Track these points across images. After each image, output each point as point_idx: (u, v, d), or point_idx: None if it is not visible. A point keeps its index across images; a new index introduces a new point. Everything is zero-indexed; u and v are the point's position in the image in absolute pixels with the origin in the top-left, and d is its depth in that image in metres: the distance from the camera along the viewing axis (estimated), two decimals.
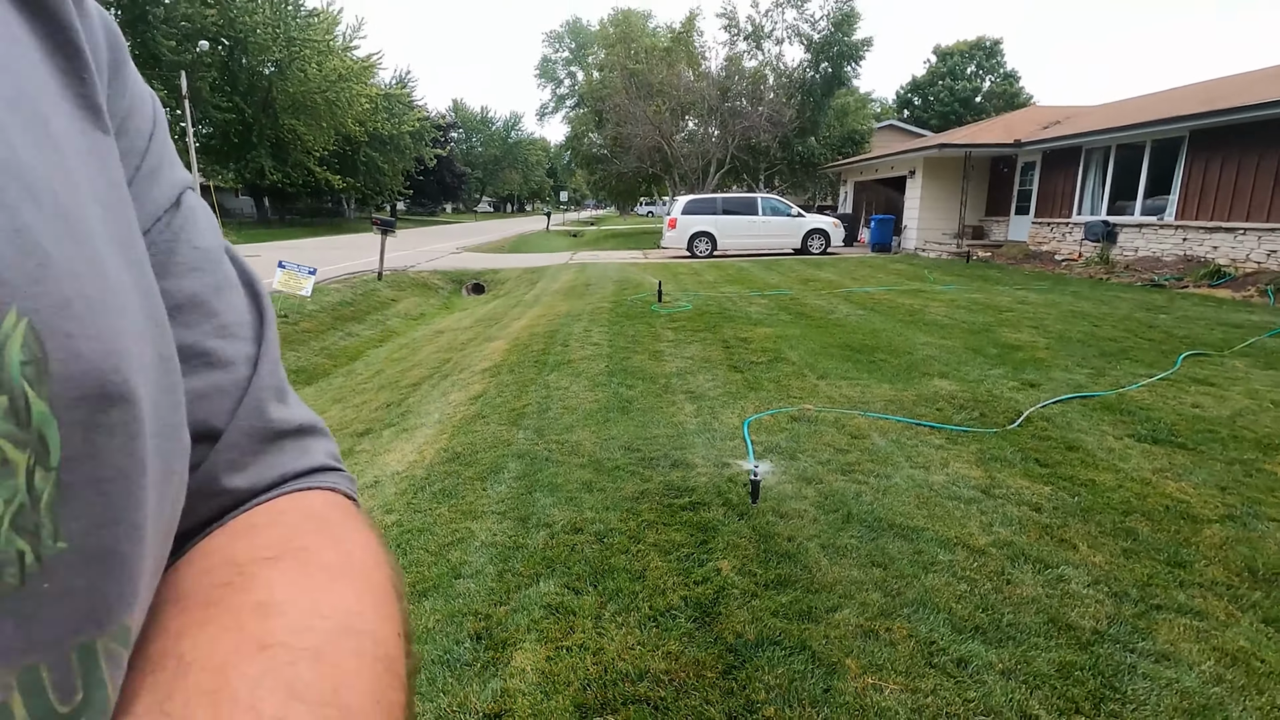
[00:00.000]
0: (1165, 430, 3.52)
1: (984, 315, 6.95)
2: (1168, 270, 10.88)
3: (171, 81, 25.81)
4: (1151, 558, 2.30)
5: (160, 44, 24.72)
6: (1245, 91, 11.03)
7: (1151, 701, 1.66)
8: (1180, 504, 2.68)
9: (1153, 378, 4.50)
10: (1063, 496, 2.77)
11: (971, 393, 4.22)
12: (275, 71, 30.06)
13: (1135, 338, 5.84)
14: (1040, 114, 18.28)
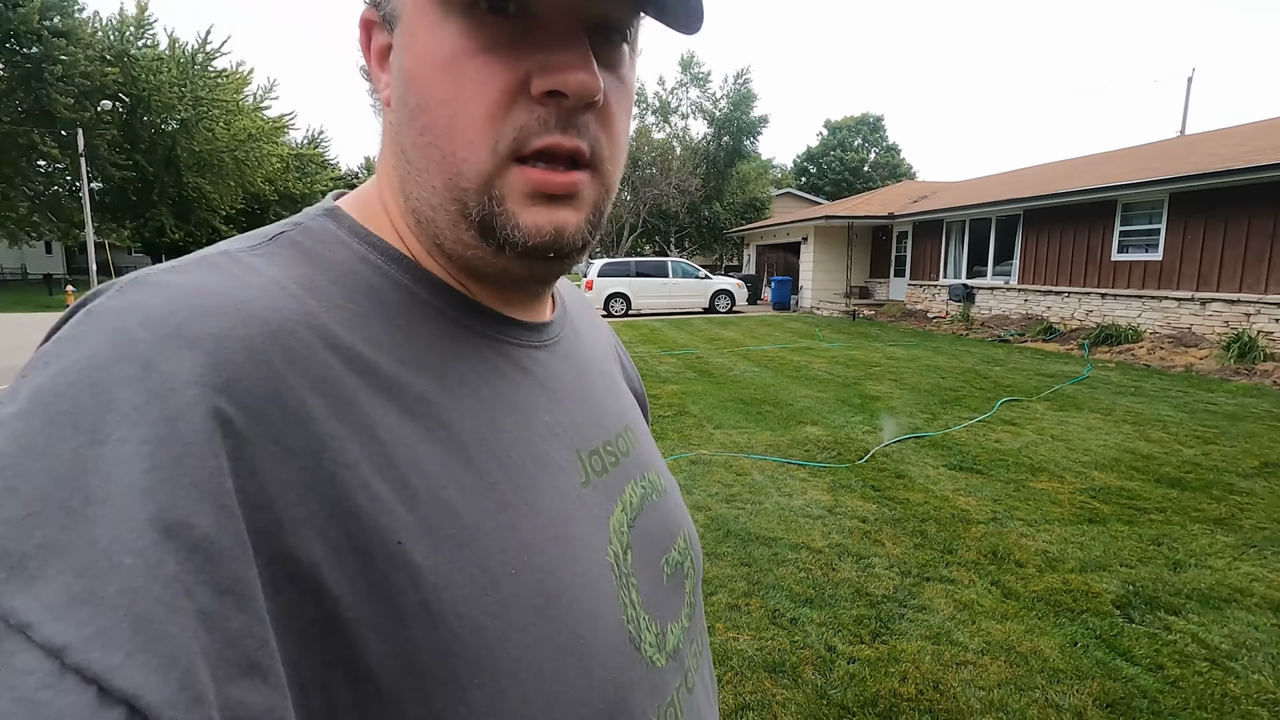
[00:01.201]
0: (970, 460, 4.61)
1: (855, 370, 8.17)
2: (1014, 326, 12.75)
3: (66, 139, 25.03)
4: (932, 548, 3.25)
5: (56, 101, 24.03)
6: (1066, 178, 13.31)
7: (909, 634, 2.54)
8: (963, 512, 3.69)
9: (973, 420, 5.69)
10: (884, 511, 3.72)
11: (834, 436, 5.24)
12: (180, 130, 29.54)
13: (970, 387, 7.15)
14: (912, 189, 20.79)
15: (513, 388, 0.41)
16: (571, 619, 0.37)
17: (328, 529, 0.30)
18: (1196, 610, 2.69)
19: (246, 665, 0.26)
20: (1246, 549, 3.23)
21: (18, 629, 0.24)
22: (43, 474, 0.26)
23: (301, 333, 0.33)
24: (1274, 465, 4.45)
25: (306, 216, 0.41)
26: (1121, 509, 3.73)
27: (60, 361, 0.28)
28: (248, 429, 0.29)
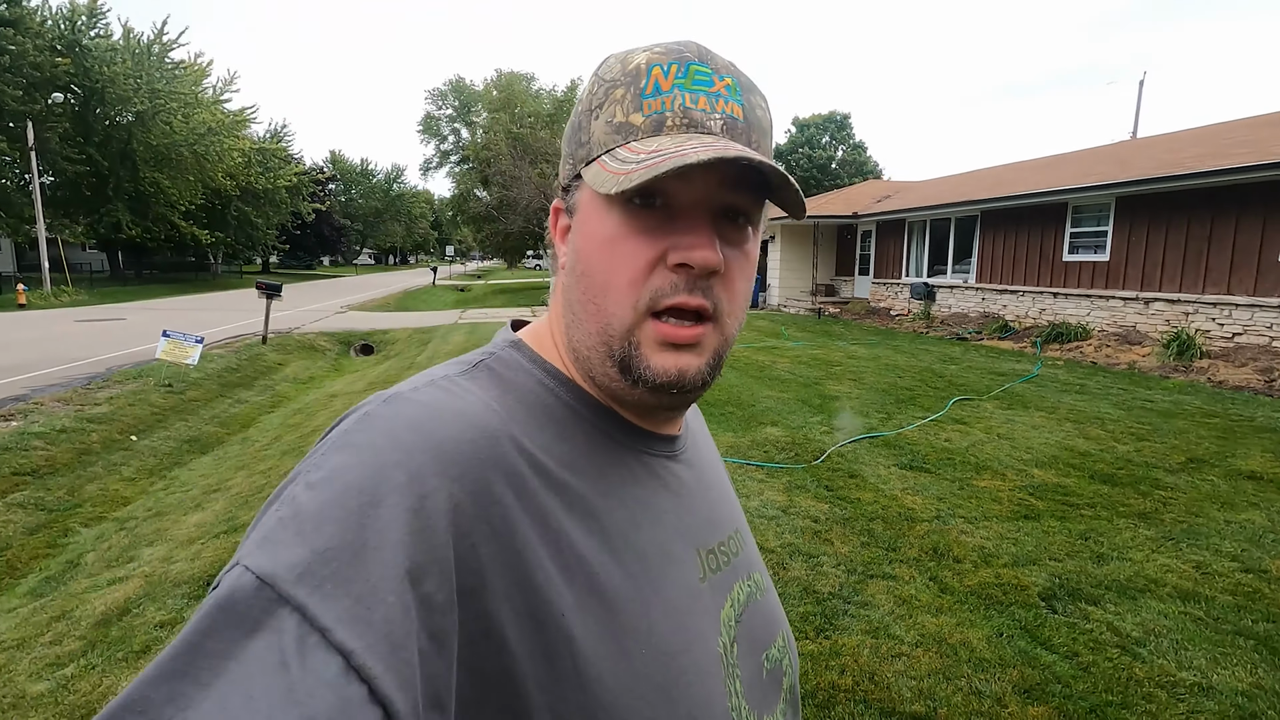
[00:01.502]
0: (920, 459, 4.83)
1: (818, 370, 8.40)
2: (972, 324, 13.15)
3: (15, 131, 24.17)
4: (878, 546, 3.44)
5: (3, 93, 23.16)
6: (1019, 180, 13.73)
7: (851, 629, 2.71)
8: (909, 511, 3.89)
9: (926, 419, 5.93)
10: (835, 511, 3.91)
11: (792, 437, 5.42)
12: (136, 123, 28.69)
13: (926, 386, 7.41)
14: (876, 188, 21.19)
15: (649, 492, 0.51)
16: (688, 700, 0.44)
17: (514, 596, 0.39)
18: (1114, 600, 2.91)
19: (437, 700, 0.35)
20: (1165, 542, 3.48)
21: (318, 630, 0.33)
22: (339, 521, 0.36)
23: (502, 440, 0.43)
24: (1198, 460, 4.75)
25: (497, 347, 0.53)
26: (1056, 505, 3.96)
27: (351, 449, 0.40)
28: (469, 510, 0.39)
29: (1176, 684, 2.36)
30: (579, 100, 0.52)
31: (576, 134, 0.51)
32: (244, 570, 0.35)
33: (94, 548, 5.03)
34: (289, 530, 0.36)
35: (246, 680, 0.31)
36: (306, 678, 0.31)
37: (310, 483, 0.38)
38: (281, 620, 0.33)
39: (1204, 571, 3.16)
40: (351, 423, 0.42)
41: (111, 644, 3.32)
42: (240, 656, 0.32)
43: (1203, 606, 2.86)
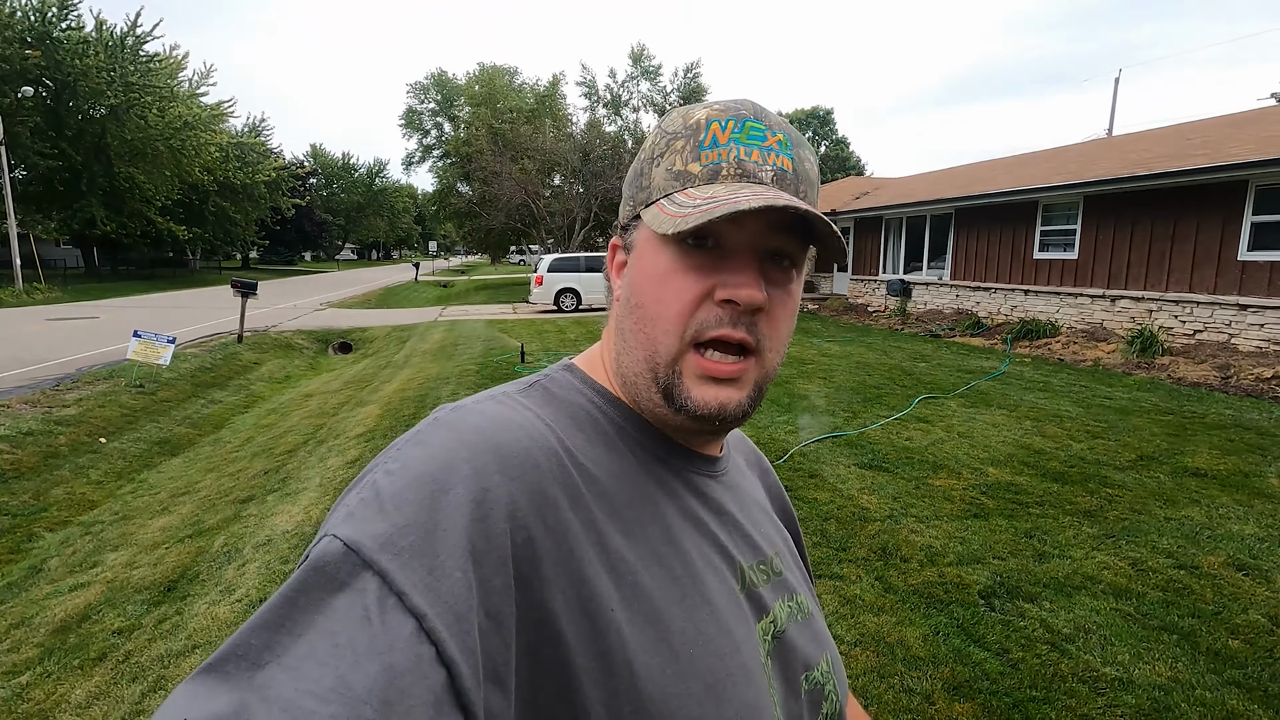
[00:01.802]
0: (880, 458, 4.93)
1: (790, 368, 8.50)
2: (946, 321, 13.32)
3: None
4: (829, 546, 3.52)
5: None
6: (993, 178, 13.90)
7: None
8: (863, 510, 3.98)
9: (889, 418, 6.03)
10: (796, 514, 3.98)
11: (758, 437, 5.50)
12: (109, 116, 28.20)
13: (894, 384, 7.52)
14: (854, 184, 21.35)
15: (690, 506, 0.54)
16: (736, 703, 0.46)
17: (568, 590, 0.42)
18: (1050, 598, 3.01)
19: (495, 675, 0.38)
20: (1105, 539, 3.59)
21: (396, 593, 0.37)
22: (415, 503, 0.41)
23: (555, 450, 0.48)
24: (1148, 458, 4.88)
25: (554, 370, 0.58)
26: (1005, 504, 4.07)
27: (423, 445, 0.45)
28: (525, 507, 0.43)
29: (1099, 679, 2.45)
30: (642, 149, 0.56)
31: (638, 179, 0.55)
32: (332, 539, 0.39)
33: (58, 553, 5.00)
34: (371, 508, 0.40)
35: (333, 630, 0.35)
36: (387, 632, 0.35)
37: (389, 470, 0.43)
38: (365, 581, 0.37)
39: (1139, 568, 3.27)
40: (424, 425, 0.47)
41: (69, 651, 3.33)
42: (328, 611, 0.36)
43: (1133, 603, 2.96)
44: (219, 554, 4.07)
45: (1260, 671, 2.48)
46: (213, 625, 3.12)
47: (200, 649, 2.93)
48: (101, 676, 2.96)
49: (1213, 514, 3.89)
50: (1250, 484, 4.34)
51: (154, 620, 3.41)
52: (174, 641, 3.07)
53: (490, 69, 35.78)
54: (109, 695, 2.77)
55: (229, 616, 3.18)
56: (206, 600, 3.45)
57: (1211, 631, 2.74)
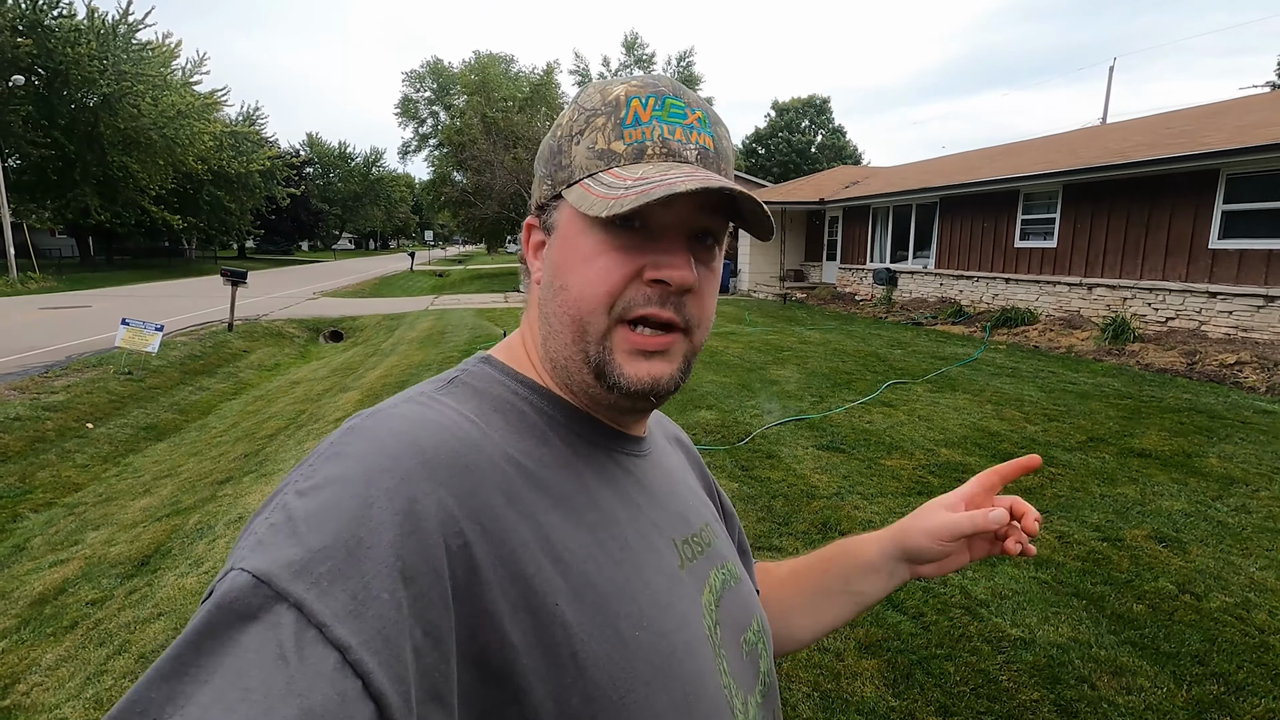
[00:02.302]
0: (838, 440, 5.08)
1: (766, 355, 8.63)
2: (930, 309, 13.43)
3: None
4: (773, 521, 3.67)
5: None
6: (977, 168, 13.98)
7: None
8: (813, 488, 4.13)
9: (854, 402, 6.18)
10: (743, 489, 4.14)
11: (723, 420, 5.65)
12: (102, 105, 28.15)
13: (866, 370, 7.66)
14: (844, 174, 21.39)
15: (625, 488, 0.53)
16: (684, 678, 0.46)
17: (509, 590, 0.41)
18: (974, 568, 3.17)
19: (434, 693, 0.36)
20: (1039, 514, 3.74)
21: (316, 625, 0.34)
22: (333, 522, 0.37)
23: (484, 446, 0.46)
24: (1097, 439, 5.03)
25: (470, 363, 0.56)
26: (951, 481, 4.22)
27: (339, 458, 0.41)
28: (457, 512, 0.41)
29: (1003, 639, 2.61)
30: (558, 126, 0.54)
31: (556, 157, 0.53)
32: (239, 572, 0.36)
33: (41, 532, 5.16)
34: (282, 533, 0.37)
35: (243, 673, 0.32)
36: (306, 670, 0.32)
37: (301, 490, 0.39)
38: (279, 616, 0.34)
39: (1065, 540, 3.43)
40: (338, 435, 0.44)
41: (44, 620, 3.49)
42: (237, 651, 0.33)
43: (1052, 572, 3.12)
44: (192, 531, 4.22)
45: (1156, 632, 2.64)
46: (179, 595, 3.28)
47: (165, 616, 3.08)
48: (71, 642, 3.11)
49: (1147, 491, 4.04)
50: (1190, 464, 4.49)
51: (125, 591, 3.57)
52: (142, 610, 3.23)
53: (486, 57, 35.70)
54: (76, 658, 2.92)
55: (195, 587, 3.33)
56: (176, 573, 3.60)
57: (1120, 597, 2.90)
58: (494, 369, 0.54)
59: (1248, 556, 3.24)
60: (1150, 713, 2.21)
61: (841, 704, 2.27)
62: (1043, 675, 2.40)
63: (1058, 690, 2.32)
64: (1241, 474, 4.29)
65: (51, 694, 2.69)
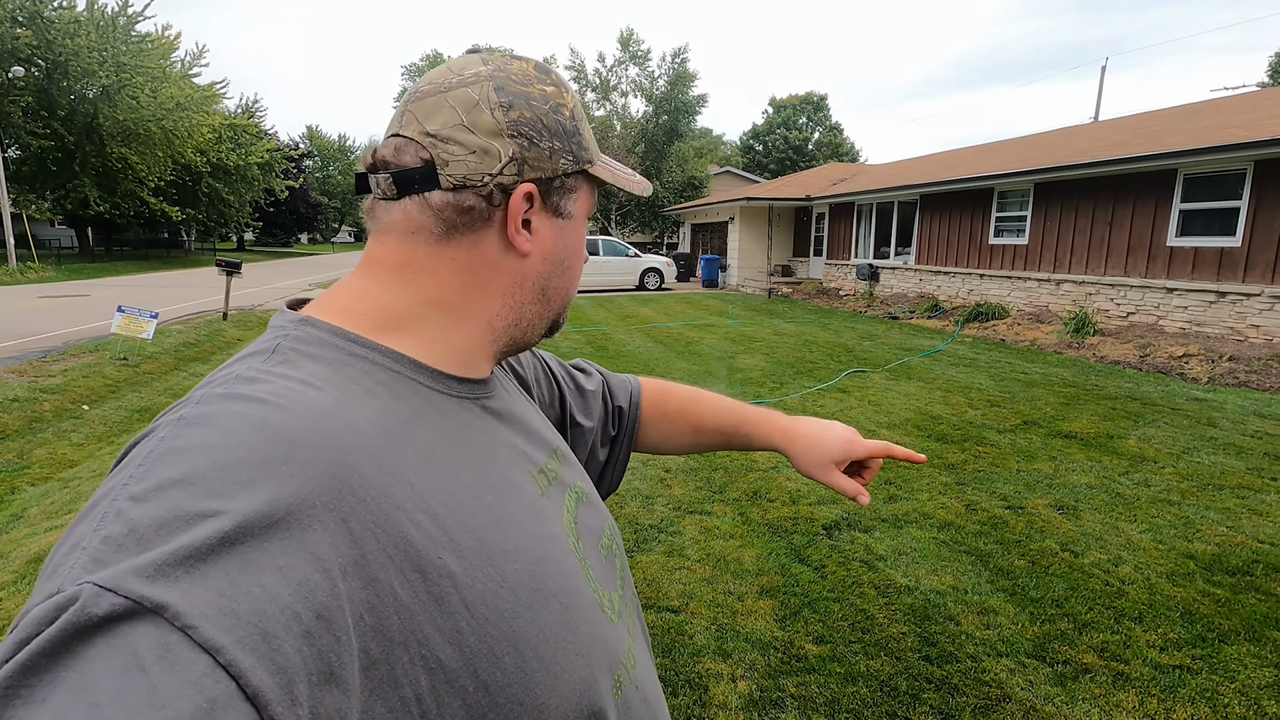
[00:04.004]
0: None
1: (738, 345, 8.95)
2: (909, 304, 13.74)
3: None
4: (709, 489, 4.00)
5: None
6: (956, 166, 14.28)
7: (654, 550, 3.26)
8: (754, 462, 4.45)
9: (811, 389, 6.49)
10: (689, 463, 4.46)
11: None
12: (101, 96, 28.42)
13: (831, 360, 7.98)
14: (833, 171, 21.67)
15: (480, 430, 0.54)
16: (560, 594, 0.49)
17: (395, 555, 0.40)
18: (883, 530, 3.49)
19: (329, 675, 0.34)
20: (954, 486, 4.06)
21: (181, 628, 0.30)
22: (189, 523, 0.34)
23: (337, 413, 0.43)
24: (1031, 422, 5.35)
25: (286, 327, 0.50)
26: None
27: (176, 454, 0.37)
28: (328, 488, 0.39)
29: (890, 585, 2.94)
30: (562, 97, 0.55)
31: (575, 136, 0.55)
32: (73, 589, 0.31)
33: (38, 503, 5.48)
34: (130, 541, 0.33)
35: (91, 688, 0.28)
36: (170, 679, 0.29)
37: (136, 495, 0.35)
38: (133, 623, 0.30)
39: (971, 508, 3.75)
40: (168, 430, 0.39)
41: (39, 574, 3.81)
42: (80, 667, 0.29)
43: (951, 533, 3.44)
44: None
45: (1028, 582, 2.97)
46: None
47: None
48: None
49: (1060, 467, 4.36)
50: (1110, 444, 4.82)
51: None
52: None
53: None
54: None
55: None
56: None
57: (1007, 555, 3.22)
58: (319, 329, 0.50)
59: (1133, 523, 3.56)
60: (1001, 643, 2.53)
61: (733, 634, 2.59)
62: (916, 614, 2.72)
63: (925, 625, 2.64)
64: (1154, 453, 4.62)
65: None
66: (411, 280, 0.52)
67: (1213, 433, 5.08)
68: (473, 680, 0.42)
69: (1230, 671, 2.37)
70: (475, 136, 0.51)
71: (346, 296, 0.53)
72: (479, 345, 0.56)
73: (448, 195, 0.51)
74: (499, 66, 0.54)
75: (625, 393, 0.88)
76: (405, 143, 0.51)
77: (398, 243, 0.52)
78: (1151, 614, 2.72)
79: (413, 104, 0.52)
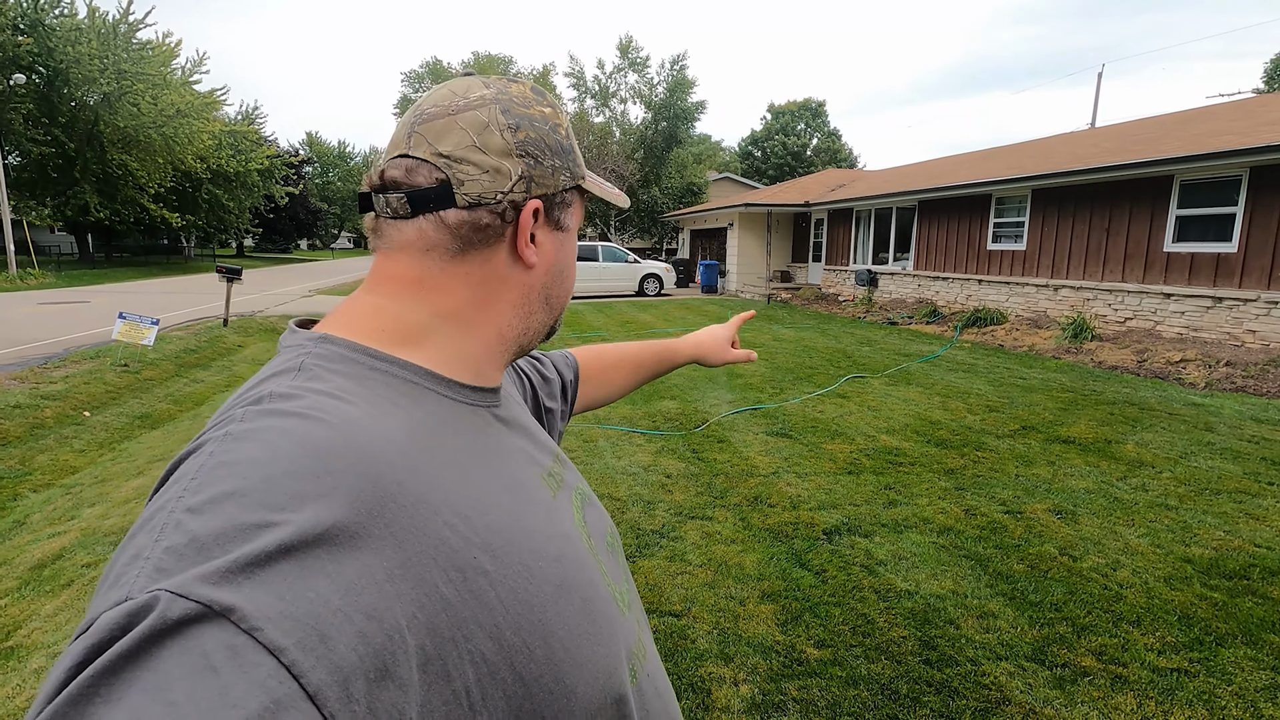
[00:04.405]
0: (787, 427, 5.42)
1: None
2: (908, 310, 13.79)
3: None
4: (710, 495, 4.02)
5: None
6: (954, 172, 14.34)
7: (655, 555, 3.29)
8: (754, 467, 4.48)
9: (811, 394, 6.52)
10: (689, 468, 4.48)
11: (684, 409, 5.99)
12: (102, 103, 28.52)
13: (830, 365, 8.02)
14: (831, 177, 21.75)
15: (496, 436, 0.57)
16: (580, 588, 0.51)
17: (436, 556, 0.42)
18: (883, 534, 3.52)
19: (385, 672, 0.36)
20: (954, 491, 4.09)
21: (247, 630, 0.32)
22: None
23: (369, 424, 0.46)
24: (1030, 427, 5.38)
25: (306, 344, 0.52)
26: (881, 464, 4.57)
27: (227, 468, 0.39)
28: (370, 496, 0.41)
29: (890, 590, 2.96)
30: (557, 118, 0.59)
31: (570, 154, 0.59)
32: (145, 597, 0.32)
33: (40, 509, 5.50)
34: (191, 550, 0.35)
35: (165, 687, 0.30)
36: (240, 679, 0.31)
37: (192, 508, 0.37)
38: (202, 626, 0.32)
39: (970, 513, 3.78)
40: (216, 446, 0.41)
41: (42, 581, 3.83)
42: (153, 667, 0.30)
43: (951, 538, 3.47)
44: None
45: (1027, 585, 2.99)
46: None
47: None
48: (67, 596, 3.46)
49: (1059, 472, 4.39)
50: (1109, 449, 4.85)
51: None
52: None
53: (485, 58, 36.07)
54: (72, 607, 3.27)
55: None
56: None
57: (1006, 559, 3.25)
58: (339, 346, 0.52)
59: (1131, 527, 3.59)
60: (1000, 646, 2.56)
61: (735, 638, 2.61)
62: (916, 618, 2.74)
63: (925, 629, 2.67)
64: (1151, 458, 4.65)
65: (49, 635, 3.04)
66: (427, 296, 0.55)
67: (1210, 438, 5.11)
68: (510, 672, 0.44)
69: (1227, 674, 2.40)
70: (488, 157, 0.53)
71: (361, 313, 0.55)
72: (490, 355, 0.58)
73: (463, 213, 0.53)
74: (501, 90, 0.57)
75: (569, 367, 0.97)
76: (417, 164, 0.53)
77: (412, 260, 0.54)
78: (1149, 617, 2.74)
79: (420, 126, 0.54)
